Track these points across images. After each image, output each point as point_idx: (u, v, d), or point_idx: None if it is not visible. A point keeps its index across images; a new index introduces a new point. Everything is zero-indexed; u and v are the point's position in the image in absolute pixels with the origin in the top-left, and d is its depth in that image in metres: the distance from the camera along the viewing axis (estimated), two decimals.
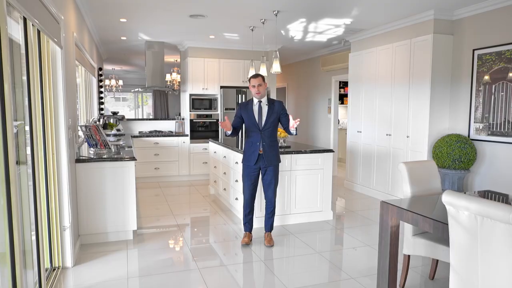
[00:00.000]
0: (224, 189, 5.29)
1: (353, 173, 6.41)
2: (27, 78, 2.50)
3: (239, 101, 7.31)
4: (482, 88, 4.54)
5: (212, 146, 5.95)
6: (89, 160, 3.71)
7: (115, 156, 3.86)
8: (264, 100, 3.76)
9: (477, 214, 1.66)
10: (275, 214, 4.35)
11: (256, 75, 3.72)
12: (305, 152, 4.47)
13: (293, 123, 3.60)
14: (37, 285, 2.59)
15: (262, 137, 3.69)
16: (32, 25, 2.45)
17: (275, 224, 4.35)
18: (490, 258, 1.65)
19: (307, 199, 4.55)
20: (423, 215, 2.25)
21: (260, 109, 3.73)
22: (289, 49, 7.64)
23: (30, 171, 2.59)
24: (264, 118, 3.71)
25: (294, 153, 4.42)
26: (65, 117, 3.14)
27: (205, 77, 7.21)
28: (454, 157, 4.51)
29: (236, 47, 7.28)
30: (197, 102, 7.27)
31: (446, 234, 2.06)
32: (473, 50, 4.63)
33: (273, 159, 3.75)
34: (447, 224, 1.95)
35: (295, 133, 3.71)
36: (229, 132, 3.72)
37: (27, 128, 2.51)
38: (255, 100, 3.76)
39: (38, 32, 2.69)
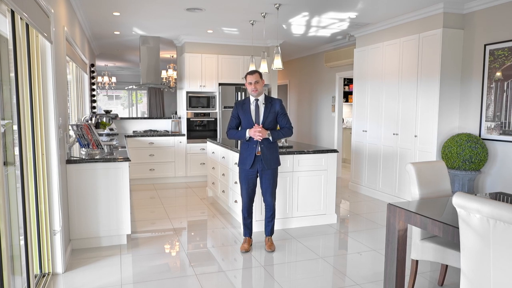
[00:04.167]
0: (223, 191, 5.29)
1: (358, 174, 6.41)
2: (15, 75, 2.50)
3: (239, 99, 7.31)
4: (494, 85, 4.53)
5: (210, 146, 5.95)
6: (80, 161, 3.71)
7: (108, 157, 3.85)
8: (261, 99, 3.73)
9: (490, 217, 1.66)
10: (276, 218, 4.36)
11: (253, 72, 3.68)
12: (308, 153, 4.47)
13: (258, 135, 3.55)
14: None
15: None
16: (21, 18, 2.45)
17: (276, 228, 4.35)
18: (503, 263, 1.64)
19: (310, 201, 4.54)
20: (432, 218, 2.24)
21: (257, 108, 3.70)
22: (291, 44, 7.64)
23: (18, 172, 2.59)
24: (261, 118, 3.68)
25: (297, 154, 4.42)
26: (55, 116, 3.13)
27: (203, 74, 7.21)
28: (465, 157, 4.51)
29: (235, 42, 7.28)
30: (194, 100, 7.27)
31: (456, 238, 2.05)
32: (485, 45, 4.63)
33: (272, 162, 3.70)
34: (458, 228, 1.95)
35: (271, 140, 3.63)
36: (248, 137, 3.65)
37: (15, 127, 2.50)
38: (252, 99, 3.73)
39: (27, 26, 2.69)
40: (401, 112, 5.46)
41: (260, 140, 3.62)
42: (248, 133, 3.63)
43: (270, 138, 3.64)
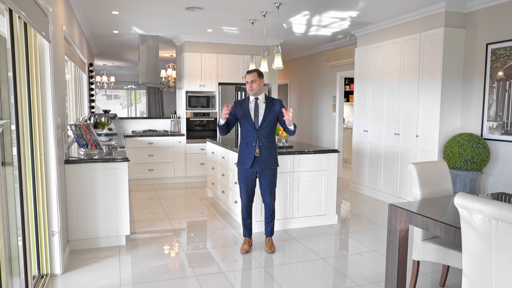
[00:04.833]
0: (223, 191, 5.29)
1: (359, 174, 6.41)
2: (13, 74, 2.50)
3: (238, 98, 7.31)
4: (496, 85, 4.53)
5: (209, 146, 5.95)
6: (79, 161, 3.71)
7: (107, 157, 3.85)
8: (261, 98, 3.73)
9: (492, 217, 1.66)
10: (276, 218, 4.36)
11: (251, 71, 3.70)
12: (309, 153, 4.47)
13: (288, 116, 3.50)
14: None
15: (258, 137, 3.65)
16: (19, 17, 2.45)
17: (276, 228, 4.35)
18: (505, 264, 1.64)
19: (310, 202, 4.54)
20: (434, 219, 2.24)
21: (257, 107, 3.70)
22: (292, 43, 7.64)
23: (16, 172, 2.59)
24: (260, 117, 3.68)
25: (297, 154, 4.42)
26: (53, 116, 3.13)
27: (203, 73, 7.21)
28: (466, 157, 4.51)
29: (235, 42, 7.28)
30: (193, 99, 7.27)
31: (458, 238, 2.05)
32: (487, 45, 4.63)
33: (270, 162, 3.70)
34: (459, 228, 1.95)
35: (293, 129, 3.62)
36: (223, 122, 3.64)
37: (13, 127, 2.51)
38: (252, 98, 3.74)
39: (25, 25, 2.69)
40: (403, 111, 5.46)
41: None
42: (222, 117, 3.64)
43: (291, 127, 3.61)
